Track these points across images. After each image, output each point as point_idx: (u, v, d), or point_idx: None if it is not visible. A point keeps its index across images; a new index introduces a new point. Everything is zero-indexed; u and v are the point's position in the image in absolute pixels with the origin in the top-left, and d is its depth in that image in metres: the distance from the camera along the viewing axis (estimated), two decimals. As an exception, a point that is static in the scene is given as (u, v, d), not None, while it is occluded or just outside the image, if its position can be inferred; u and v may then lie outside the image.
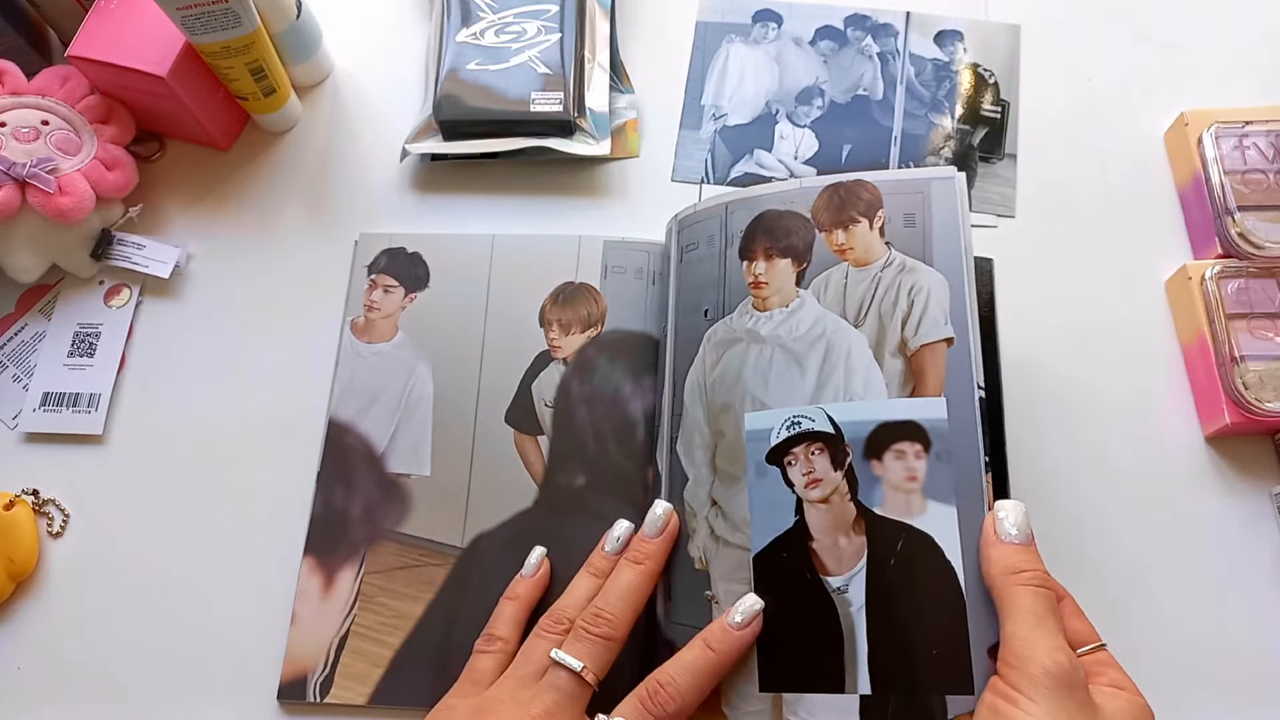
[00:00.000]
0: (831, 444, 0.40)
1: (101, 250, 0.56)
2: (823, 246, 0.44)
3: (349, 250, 0.56)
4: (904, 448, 0.39)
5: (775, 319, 0.43)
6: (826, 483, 0.40)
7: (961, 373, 0.40)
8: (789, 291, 0.44)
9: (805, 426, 0.41)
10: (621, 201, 0.58)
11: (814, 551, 0.39)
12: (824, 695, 0.38)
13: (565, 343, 0.52)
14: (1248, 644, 0.47)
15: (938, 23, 0.62)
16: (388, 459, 0.51)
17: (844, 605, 0.38)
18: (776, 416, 0.42)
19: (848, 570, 0.39)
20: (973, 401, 0.40)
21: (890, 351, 0.41)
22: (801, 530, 0.40)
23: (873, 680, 0.37)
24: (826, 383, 0.41)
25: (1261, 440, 0.50)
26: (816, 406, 0.41)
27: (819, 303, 0.43)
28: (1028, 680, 0.33)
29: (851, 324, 0.42)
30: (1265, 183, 0.53)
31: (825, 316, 0.43)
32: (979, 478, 0.39)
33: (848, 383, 0.41)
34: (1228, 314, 0.50)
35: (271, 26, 0.56)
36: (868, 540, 0.39)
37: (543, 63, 0.57)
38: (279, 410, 0.53)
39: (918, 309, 0.41)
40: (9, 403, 0.54)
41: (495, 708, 0.38)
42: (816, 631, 0.38)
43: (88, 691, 0.48)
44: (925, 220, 0.43)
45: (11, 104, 0.54)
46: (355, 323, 0.54)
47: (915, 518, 0.39)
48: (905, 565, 0.38)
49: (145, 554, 0.50)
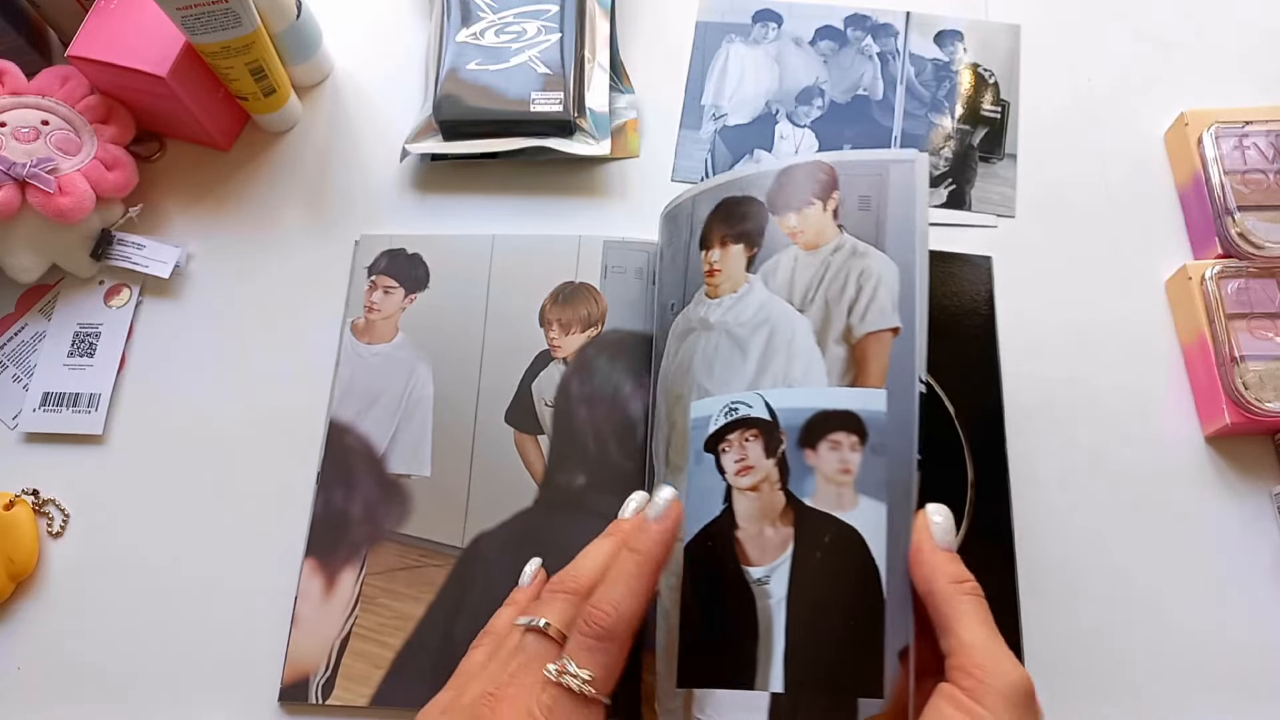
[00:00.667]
0: (766, 431, 0.39)
1: (101, 250, 0.56)
2: (778, 231, 0.42)
3: (349, 250, 0.56)
4: (840, 438, 0.38)
5: (724, 305, 0.42)
6: (757, 470, 0.38)
7: (905, 364, 0.38)
8: (739, 277, 0.42)
9: (742, 413, 0.39)
10: (621, 201, 0.58)
11: (739, 541, 0.38)
12: (733, 692, 0.36)
13: (565, 342, 0.52)
14: (1248, 644, 0.47)
15: (938, 23, 0.62)
16: (388, 460, 0.51)
17: (763, 598, 0.37)
18: (716, 404, 0.40)
19: (770, 561, 0.37)
20: (913, 395, 0.38)
21: (834, 338, 0.39)
22: (728, 519, 0.38)
23: (786, 679, 0.36)
24: (766, 369, 0.40)
25: (1261, 440, 0.50)
26: (754, 392, 0.40)
27: (766, 287, 0.41)
28: (994, 694, 0.32)
29: (797, 309, 0.40)
30: (1265, 183, 0.53)
31: (771, 301, 0.41)
32: (911, 476, 0.37)
33: (788, 369, 0.39)
34: (1228, 314, 0.50)
35: (271, 26, 0.56)
36: (795, 532, 0.37)
37: (543, 63, 0.57)
38: (279, 410, 0.53)
39: (865, 295, 0.40)
40: (9, 403, 0.54)
41: (467, 685, 0.37)
42: (733, 625, 0.37)
43: (88, 692, 0.48)
44: (881, 203, 0.41)
45: (11, 104, 0.54)
46: (355, 324, 0.54)
47: (845, 512, 0.37)
48: (830, 560, 0.37)
49: (145, 554, 0.50)
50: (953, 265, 0.54)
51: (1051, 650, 0.46)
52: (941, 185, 0.57)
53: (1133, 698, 0.46)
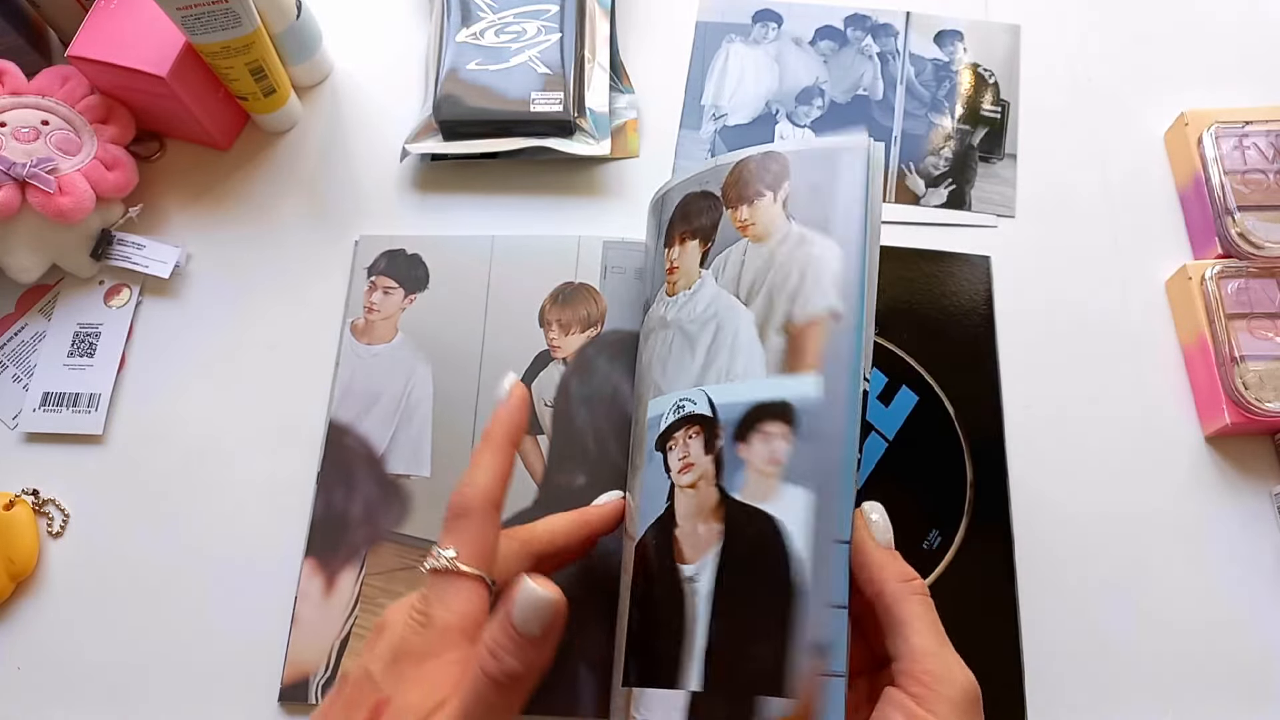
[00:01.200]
0: (707, 427, 0.38)
1: (101, 250, 0.56)
2: (729, 224, 0.42)
3: (349, 250, 0.56)
4: (771, 429, 0.37)
5: (679, 302, 0.42)
6: (697, 467, 0.38)
7: (842, 348, 0.37)
8: (694, 273, 0.42)
9: (687, 410, 0.39)
10: (621, 201, 0.58)
11: (676, 539, 0.37)
12: (659, 690, 0.36)
13: (565, 343, 0.52)
14: (1248, 644, 0.47)
15: (938, 23, 0.62)
16: (388, 460, 0.51)
17: (692, 595, 0.36)
18: (667, 401, 0.40)
19: (700, 558, 0.37)
20: (852, 382, 0.36)
21: (775, 329, 0.39)
22: (669, 516, 0.38)
23: (705, 676, 0.35)
24: (712, 364, 0.39)
25: (1261, 440, 0.50)
26: (699, 389, 0.39)
27: (716, 282, 0.41)
28: (946, 703, 0.31)
29: (743, 302, 0.40)
30: (1265, 183, 0.53)
31: (719, 296, 0.41)
32: (848, 469, 0.36)
33: (730, 363, 0.39)
34: (1228, 314, 0.50)
35: (271, 26, 0.56)
36: (724, 528, 0.37)
37: (543, 63, 0.57)
38: (278, 410, 0.53)
39: (807, 282, 0.39)
40: (9, 403, 0.54)
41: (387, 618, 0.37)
42: (666, 622, 0.37)
43: (88, 692, 0.48)
44: (830, 191, 0.40)
45: (11, 104, 0.54)
46: (355, 324, 0.54)
47: (766, 502, 0.36)
48: (750, 554, 0.36)
49: (145, 554, 0.50)
50: (951, 265, 0.54)
51: (1050, 650, 0.46)
52: (941, 185, 0.57)
53: (1132, 697, 0.46)
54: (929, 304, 0.53)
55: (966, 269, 0.54)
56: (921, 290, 0.53)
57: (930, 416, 0.50)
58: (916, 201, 0.57)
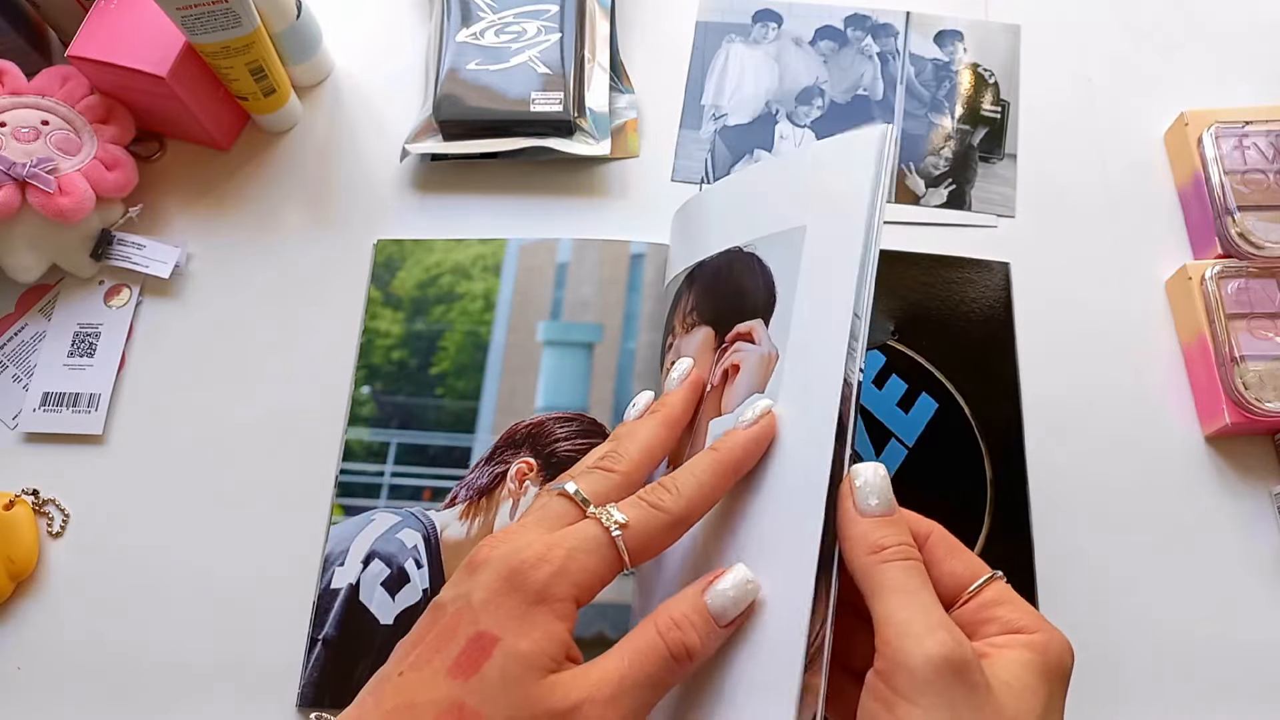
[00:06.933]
0: None
1: (101, 250, 0.56)
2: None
3: (349, 250, 0.56)
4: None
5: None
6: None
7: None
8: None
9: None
10: (621, 201, 0.58)
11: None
12: None
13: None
14: (1248, 644, 0.47)
15: (938, 23, 0.62)
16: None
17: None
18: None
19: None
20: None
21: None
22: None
23: None
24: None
25: (1261, 440, 0.50)
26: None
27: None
28: (906, 675, 0.28)
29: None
30: (1265, 183, 0.53)
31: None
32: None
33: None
34: (1228, 314, 0.50)
35: (271, 26, 0.56)
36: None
37: (543, 63, 0.57)
38: (278, 410, 0.53)
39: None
40: (9, 403, 0.54)
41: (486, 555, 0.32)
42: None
43: (88, 692, 0.48)
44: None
45: (11, 104, 0.54)
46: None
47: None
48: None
49: (145, 555, 0.50)
50: (970, 271, 0.54)
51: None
52: (941, 185, 0.57)
53: (1131, 697, 0.46)
54: (948, 310, 0.53)
55: (985, 274, 0.54)
56: (939, 296, 0.53)
57: (950, 423, 0.50)
58: (916, 201, 0.57)
